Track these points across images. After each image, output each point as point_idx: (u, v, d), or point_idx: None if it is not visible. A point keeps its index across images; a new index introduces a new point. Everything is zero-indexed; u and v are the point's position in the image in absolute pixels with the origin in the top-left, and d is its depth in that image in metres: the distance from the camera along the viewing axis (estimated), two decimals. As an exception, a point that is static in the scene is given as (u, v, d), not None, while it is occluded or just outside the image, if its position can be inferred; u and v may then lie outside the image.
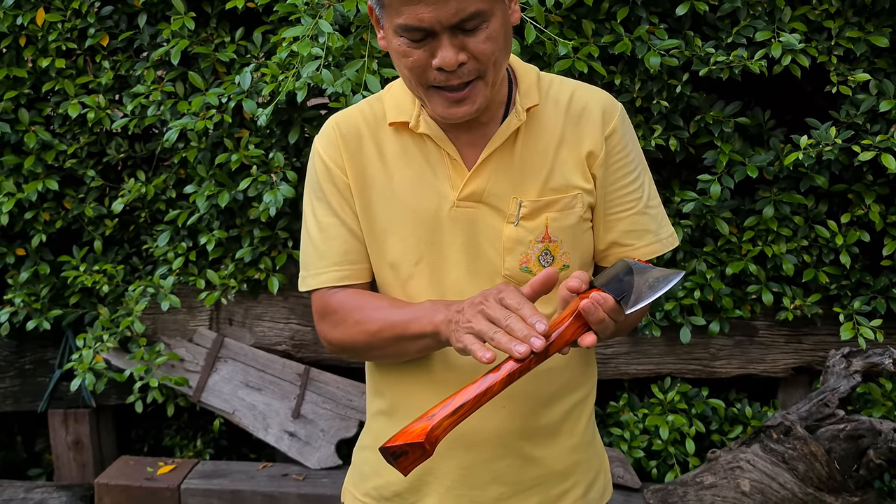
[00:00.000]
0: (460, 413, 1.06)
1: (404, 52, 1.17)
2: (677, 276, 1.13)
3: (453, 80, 1.17)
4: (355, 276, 1.35)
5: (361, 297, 1.33)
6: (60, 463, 3.16)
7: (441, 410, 1.06)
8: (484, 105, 1.22)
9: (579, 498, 1.40)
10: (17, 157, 2.85)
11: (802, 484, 2.42)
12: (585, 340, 1.09)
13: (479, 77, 1.18)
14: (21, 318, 2.93)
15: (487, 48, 1.16)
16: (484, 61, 1.17)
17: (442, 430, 1.05)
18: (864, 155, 2.41)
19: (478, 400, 1.06)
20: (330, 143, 1.34)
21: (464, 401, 1.06)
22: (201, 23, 2.75)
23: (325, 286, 1.35)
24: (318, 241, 1.36)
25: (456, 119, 1.22)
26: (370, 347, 1.31)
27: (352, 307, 1.32)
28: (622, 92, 2.53)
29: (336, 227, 1.34)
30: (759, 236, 2.65)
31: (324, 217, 1.35)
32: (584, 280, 1.12)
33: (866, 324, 2.59)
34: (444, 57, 1.14)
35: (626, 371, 2.88)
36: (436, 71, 1.16)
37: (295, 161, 2.68)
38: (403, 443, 1.04)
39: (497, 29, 1.17)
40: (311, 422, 2.88)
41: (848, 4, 2.45)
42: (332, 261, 1.35)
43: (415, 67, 1.18)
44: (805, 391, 2.83)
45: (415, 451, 1.05)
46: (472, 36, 1.15)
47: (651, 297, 1.09)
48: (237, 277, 2.82)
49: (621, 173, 1.33)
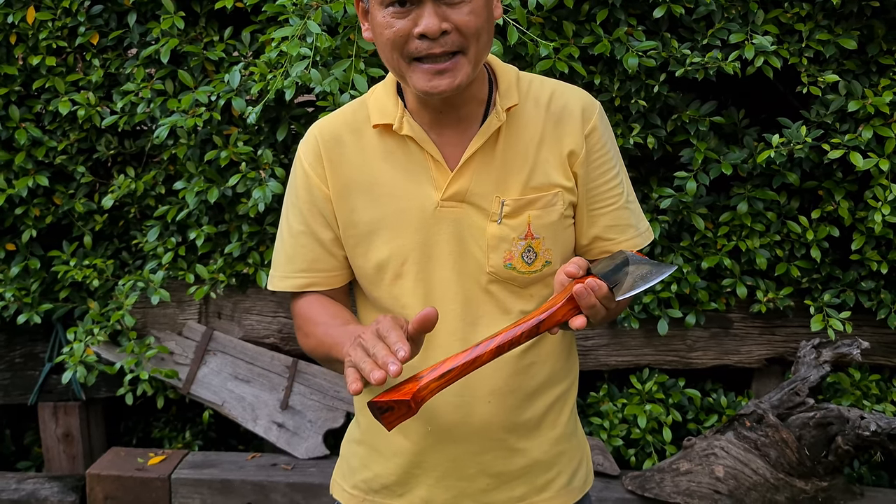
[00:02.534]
0: (448, 377, 1.10)
1: (388, 23, 1.20)
2: (669, 269, 1.18)
3: (435, 48, 1.19)
4: (322, 283, 1.40)
5: (314, 308, 1.38)
6: (50, 455, 3.19)
7: (430, 373, 1.10)
8: (465, 83, 1.23)
9: (563, 486, 1.45)
10: (7, 154, 2.88)
11: (774, 470, 2.51)
12: (575, 322, 1.14)
13: (462, 52, 1.20)
14: (11, 312, 2.96)
15: (471, 21, 1.19)
16: (466, 34, 1.19)
17: (428, 392, 1.09)
18: (833, 153, 2.50)
19: (465, 367, 1.10)
20: (311, 151, 1.37)
21: (452, 366, 1.10)
22: (191, 22, 2.79)
23: (289, 290, 1.40)
24: (288, 245, 1.40)
25: (437, 93, 1.22)
26: (316, 358, 1.38)
27: (306, 317, 1.38)
28: (601, 91, 2.60)
29: (305, 235, 1.38)
30: (733, 231, 2.73)
31: (295, 223, 1.39)
32: (581, 266, 1.17)
33: (836, 316, 2.68)
34: (427, 24, 1.17)
35: (606, 362, 2.96)
36: (418, 40, 1.18)
37: (283, 158, 2.73)
38: (390, 399, 1.08)
39: (480, 5, 1.20)
40: (298, 413, 2.94)
41: (818, 8, 2.52)
42: (298, 267, 1.39)
43: (397, 38, 1.19)
44: (778, 381, 2.91)
45: (400, 407, 1.08)
46: (456, 8, 1.18)
47: (642, 286, 1.15)
48: (226, 272, 2.87)
49: (602, 170, 1.37)
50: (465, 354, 1.11)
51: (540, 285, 1.36)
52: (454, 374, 1.10)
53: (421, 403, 1.09)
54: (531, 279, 1.34)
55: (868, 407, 2.74)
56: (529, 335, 1.13)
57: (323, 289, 1.40)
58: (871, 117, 2.52)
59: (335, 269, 1.40)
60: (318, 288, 1.40)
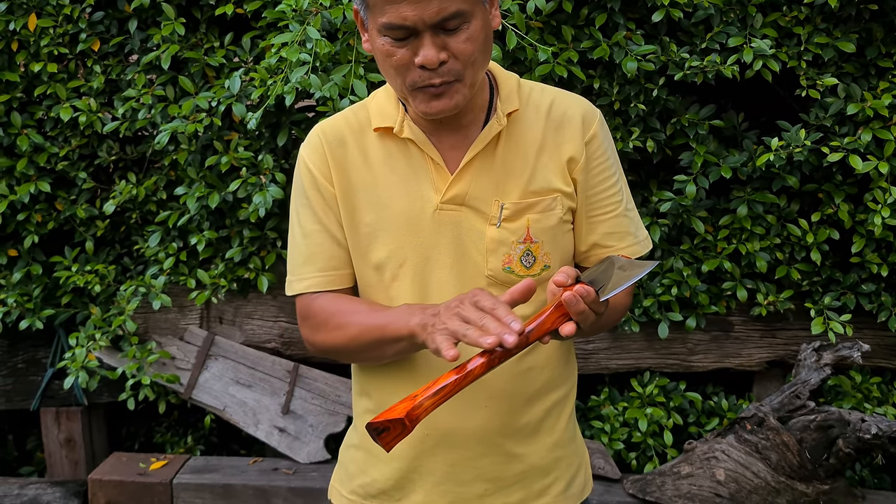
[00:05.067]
0: (441, 394, 1.10)
1: (388, 51, 1.21)
2: (651, 264, 1.19)
3: (434, 78, 1.20)
4: (338, 282, 1.39)
5: (341, 301, 1.37)
6: (53, 460, 3.20)
7: (423, 392, 1.10)
8: (462, 104, 1.25)
9: (560, 493, 1.45)
10: (9, 160, 2.89)
11: (775, 473, 2.51)
12: (565, 329, 1.14)
13: (458, 80, 1.22)
14: (14, 317, 2.97)
15: (468, 48, 1.20)
16: (464, 61, 1.21)
17: (423, 410, 1.10)
18: (832, 156, 2.50)
19: (458, 383, 1.11)
20: (315, 152, 1.37)
21: (445, 383, 1.11)
22: (191, 28, 2.81)
23: (308, 291, 1.39)
24: (303, 248, 1.40)
25: (435, 114, 1.25)
26: (349, 351, 1.35)
27: (332, 312, 1.36)
28: (601, 95, 2.61)
29: (319, 233, 1.38)
30: (733, 234, 2.73)
31: (308, 224, 1.39)
32: (570, 275, 1.16)
33: (836, 319, 2.68)
34: (427, 55, 1.18)
35: (607, 366, 2.96)
36: (418, 69, 1.20)
37: (283, 163, 2.74)
38: (385, 419, 1.09)
39: (477, 30, 1.21)
40: (300, 417, 2.94)
41: (817, 11, 2.53)
42: (315, 267, 1.39)
43: (399, 66, 1.21)
44: (779, 384, 2.91)
45: (396, 426, 1.09)
46: (454, 36, 1.19)
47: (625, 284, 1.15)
48: (227, 277, 2.88)
49: (602, 177, 1.38)
50: (457, 371, 1.12)
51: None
52: (448, 390, 1.11)
53: (416, 422, 1.10)
54: None
55: (869, 410, 2.74)
56: (520, 346, 1.13)
57: (340, 287, 1.40)
58: (870, 120, 2.52)
59: (348, 266, 1.40)
60: (337, 286, 1.40)
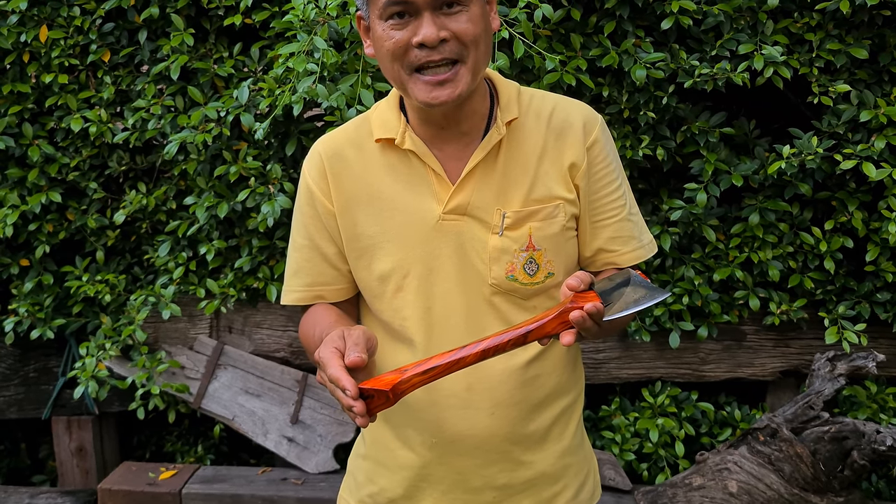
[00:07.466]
0: (430, 375, 1.11)
1: (388, 35, 1.21)
2: (663, 294, 1.18)
3: (434, 55, 1.20)
4: (328, 296, 1.42)
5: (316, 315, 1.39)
6: (64, 469, 3.21)
7: (413, 368, 1.11)
8: (465, 93, 1.24)
9: (570, 500, 1.45)
10: (20, 171, 2.91)
11: (788, 485, 2.47)
12: (564, 339, 1.14)
13: (461, 61, 1.22)
14: (25, 327, 2.99)
15: (469, 28, 1.20)
16: (465, 41, 1.21)
17: (409, 386, 1.11)
18: (845, 164, 2.47)
19: (448, 367, 1.12)
20: (315, 168, 1.39)
21: (435, 364, 1.12)
22: (200, 39, 2.82)
23: (296, 304, 1.43)
24: (292, 261, 1.43)
25: (437, 104, 1.23)
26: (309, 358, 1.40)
27: (309, 324, 1.40)
28: (610, 103, 2.59)
29: (308, 249, 1.41)
30: (745, 243, 2.71)
31: (298, 238, 1.42)
32: (584, 281, 1.16)
33: (850, 328, 2.64)
34: (426, 32, 1.19)
35: (618, 375, 2.93)
36: (417, 49, 1.20)
37: (292, 172, 2.74)
38: (371, 387, 1.09)
39: (477, 14, 1.21)
40: (309, 427, 2.93)
41: (828, 17, 2.50)
42: (302, 282, 1.42)
43: (397, 48, 1.21)
44: (793, 394, 2.88)
45: (380, 397, 1.10)
46: (453, 17, 1.20)
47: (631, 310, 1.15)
48: (236, 286, 2.88)
49: (604, 182, 1.37)
50: (450, 354, 1.13)
51: (543, 297, 1.35)
52: (436, 371, 1.12)
53: (400, 396, 1.11)
54: (534, 291, 1.34)
55: (885, 421, 2.70)
56: (516, 343, 1.13)
57: (330, 301, 1.42)
58: (883, 127, 2.49)
59: (340, 282, 1.42)
60: (325, 300, 1.42)
